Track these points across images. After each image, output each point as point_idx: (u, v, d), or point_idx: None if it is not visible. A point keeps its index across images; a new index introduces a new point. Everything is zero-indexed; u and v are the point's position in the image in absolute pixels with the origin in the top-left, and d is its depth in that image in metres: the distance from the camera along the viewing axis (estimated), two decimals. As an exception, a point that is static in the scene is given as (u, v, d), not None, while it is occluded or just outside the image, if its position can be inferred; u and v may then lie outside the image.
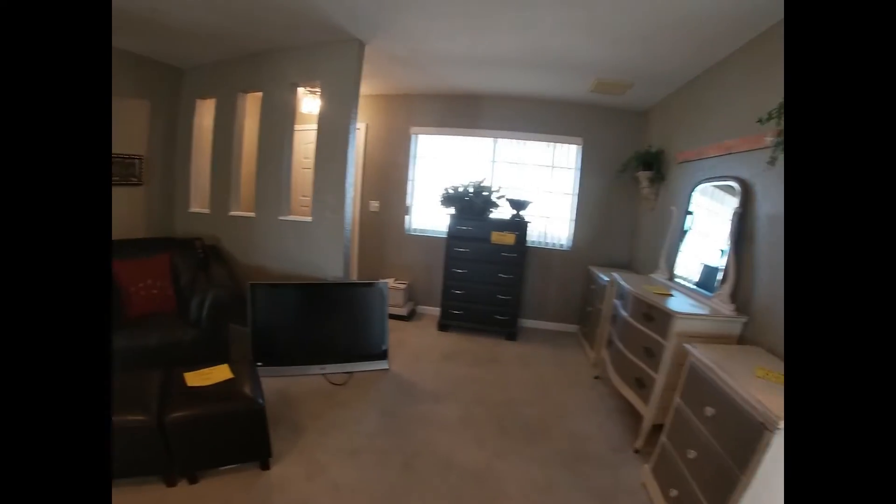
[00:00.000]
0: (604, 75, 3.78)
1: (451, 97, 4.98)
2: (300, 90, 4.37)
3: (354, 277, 5.25)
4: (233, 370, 2.48)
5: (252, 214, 4.11)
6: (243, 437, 2.27)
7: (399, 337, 4.38)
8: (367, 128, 5.21)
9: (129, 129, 4.25)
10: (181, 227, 4.67)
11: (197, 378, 2.40)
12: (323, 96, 3.67)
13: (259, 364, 3.24)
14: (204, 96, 4.47)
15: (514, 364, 4.03)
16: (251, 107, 4.25)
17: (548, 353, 4.38)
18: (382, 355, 3.60)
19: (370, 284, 3.63)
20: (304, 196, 5.18)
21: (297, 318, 3.50)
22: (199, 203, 4.61)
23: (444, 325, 4.71)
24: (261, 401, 2.29)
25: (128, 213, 4.34)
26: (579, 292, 5.11)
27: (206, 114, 4.50)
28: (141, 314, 3.52)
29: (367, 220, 5.43)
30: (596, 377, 3.81)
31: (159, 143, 4.49)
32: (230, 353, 3.42)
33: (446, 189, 4.65)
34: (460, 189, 4.60)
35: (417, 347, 4.22)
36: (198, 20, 3.26)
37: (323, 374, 3.39)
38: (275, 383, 3.19)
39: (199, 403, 2.21)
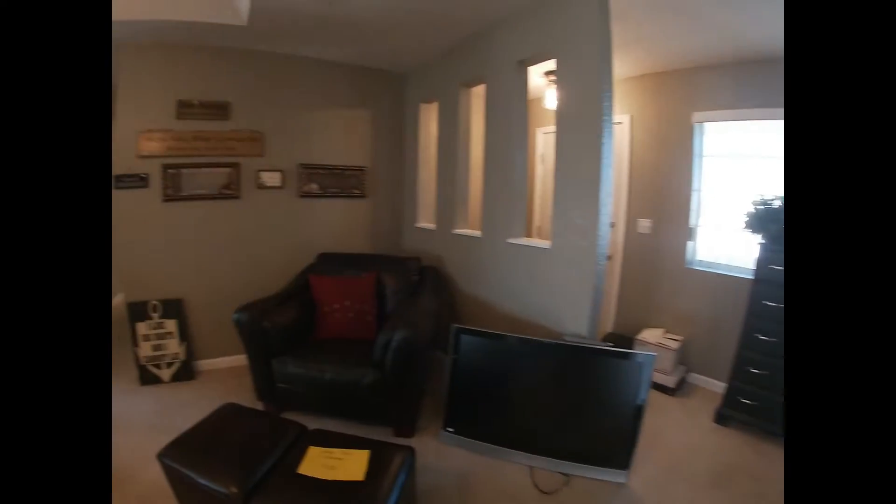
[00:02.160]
0: None
1: (754, 63, 3.20)
2: (538, 77, 3.53)
3: (608, 327, 4.08)
4: (375, 463, 1.83)
5: (478, 233, 3.39)
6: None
7: (655, 423, 2.94)
8: (631, 120, 3.90)
9: (351, 140, 4.16)
10: (409, 244, 4.35)
11: (317, 461, 1.84)
12: (560, 78, 2.66)
13: (450, 430, 2.60)
14: (427, 99, 4.06)
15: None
16: (477, 105, 3.54)
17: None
18: (622, 462, 2.37)
19: (626, 355, 2.41)
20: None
21: (511, 382, 2.59)
22: (425, 217, 4.19)
23: (724, 417, 3.01)
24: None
25: (350, 226, 4.22)
26: None
27: (430, 119, 4.09)
28: (330, 338, 3.19)
29: (634, 246, 4.00)
30: None
31: (383, 153, 4.30)
32: (418, 403, 2.87)
33: (754, 203, 2.96)
34: (777, 204, 3.02)
35: (677, 449, 2.77)
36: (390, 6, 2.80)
37: (529, 468, 2.43)
38: (460, 460, 2.48)
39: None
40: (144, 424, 2.98)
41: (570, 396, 2.48)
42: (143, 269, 3.56)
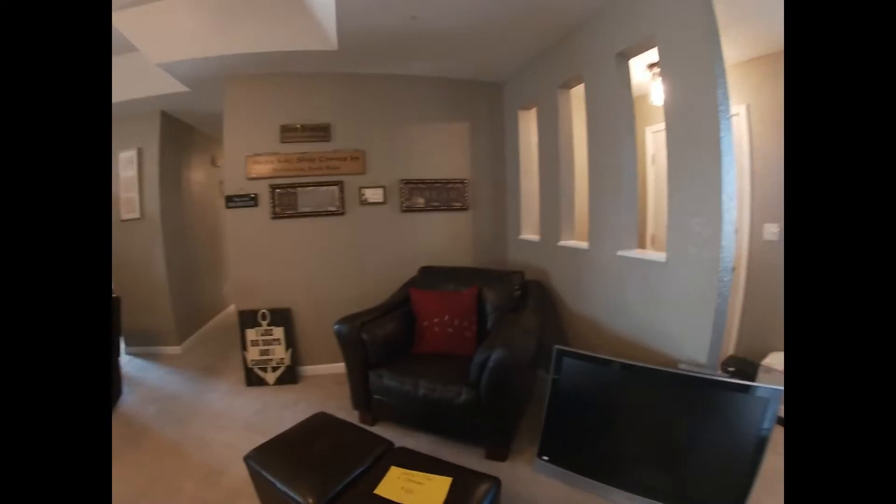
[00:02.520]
0: None
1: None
2: (641, 72, 3.24)
3: (730, 349, 3.50)
4: (455, 492, 1.68)
5: (585, 245, 3.11)
6: None
7: (776, 464, 2.21)
8: (748, 111, 3.31)
9: (451, 153, 4.14)
10: (512, 257, 4.18)
11: (396, 483, 1.75)
12: (664, 68, 2.32)
13: (545, 458, 2.36)
14: (525, 106, 3.92)
15: None
16: (578, 107, 3.25)
17: None
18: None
19: (748, 388, 1.95)
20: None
21: (614, 411, 2.29)
22: (529, 229, 3.99)
23: None
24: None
25: (452, 239, 4.17)
26: None
27: (530, 126, 3.93)
28: (428, 352, 3.15)
29: (760, 255, 3.37)
30: None
31: (483, 164, 4.22)
32: (514, 425, 2.71)
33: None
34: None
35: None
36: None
37: None
38: (553, 492, 2.26)
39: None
40: (244, 423, 3.19)
41: (680, 431, 2.10)
42: (253, 281, 3.85)
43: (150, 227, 4.69)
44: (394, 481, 1.75)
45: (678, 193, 2.27)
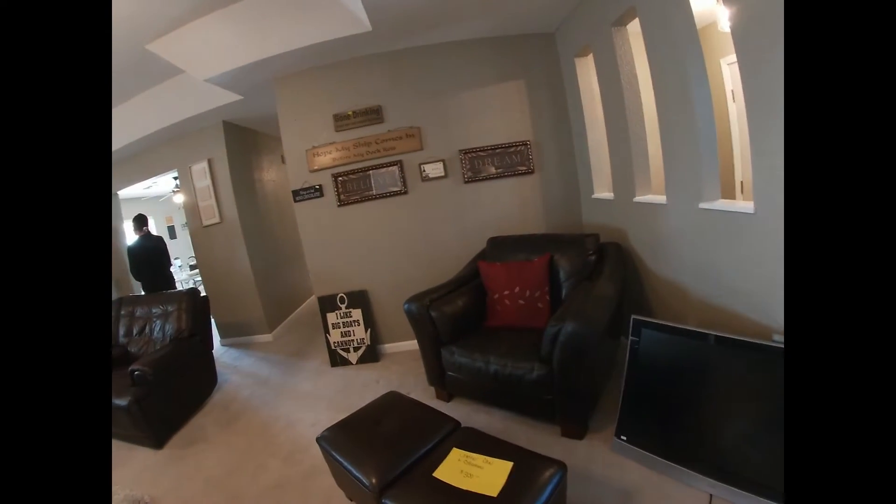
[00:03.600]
0: None
1: None
2: None
3: None
4: (516, 478, 1.63)
5: (662, 199, 2.85)
6: None
7: None
8: None
9: (509, 115, 3.96)
10: (588, 218, 3.97)
11: (456, 465, 1.73)
12: None
13: (623, 438, 2.22)
14: (581, 52, 3.60)
15: None
16: (638, 46, 2.92)
17: None
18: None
19: None
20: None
21: (698, 389, 2.07)
22: (602, 186, 3.75)
23: None
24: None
25: (520, 206, 4.04)
26: None
27: (589, 74, 3.62)
28: (500, 326, 3.10)
29: None
30: None
31: (545, 122, 3.98)
32: (591, 401, 2.59)
33: None
34: None
35: None
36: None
37: (709, 496, 1.92)
38: (631, 474, 2.15)
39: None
40: (328, 402, 3.40)
41: (771, 414, 1.84)
42: (329, 267, 4.05)
43: (230, 229, 5.04)
44: (454, 464, 1.74)
45: (761, 130, 1.98)
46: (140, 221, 5.58)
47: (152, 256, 5.48)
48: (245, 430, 3.23)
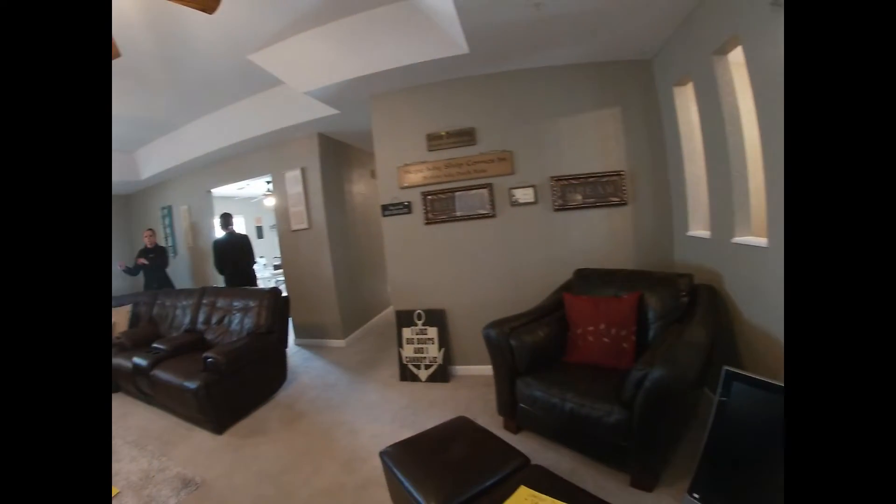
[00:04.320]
0: None
1: None
2: None
3: None
4: None
5: (764, 241, 2.71)
6: None
7: None
8: None
9: (603, 144, 3.90)
10: (680, 257, 3.83)
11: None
12: None
13: (695, 496, 2.07)
14: (679, 81, 3.49)
15: None
16: (740, 74, 2.80)
17: None
18: None
19: None
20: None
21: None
22: (698, 223, 3.61)
23: None
24: None
25: (610, 238, 3.95)
26: None
27: (688, 104, 3.51)
28: (579, 362, 3.02)
29: None
30: None
31: (641, 152, 3.89)
32: (666, 451, 2.46)
33: None
34: None
35: None
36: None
37: None
38: None
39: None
40: (392, 416, 3.46)
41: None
42: (410, 283, 4.17)
43: (317, 235, 5.33)
44: (521, 502, 1.71)
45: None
46: (226, 219, 6.00)
47: (236, 252, 5.86)
48: (307, 431, 3.35)
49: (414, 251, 4.13)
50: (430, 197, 4.00)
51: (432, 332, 4.05)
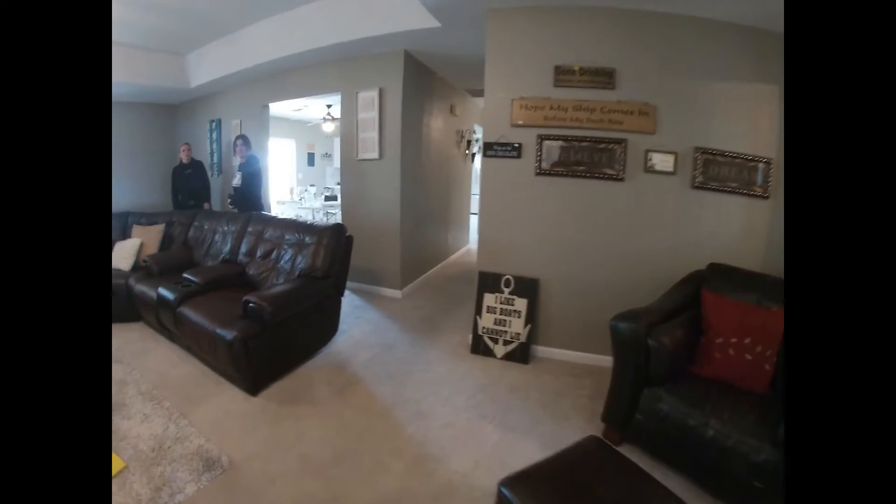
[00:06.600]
0: None
1: None
2: None
3: None
4: None
5: None
6: None
7: None
8: None
9: (755, 122, 3.26)
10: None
11: None
12: None
13: None
14: None
15: None
16: None
17: None
18: None
19: None
20: None
21: None
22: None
23: None
24: None
25: (743, 234, 3.36)
26: None
27: None
28: (710, 378, 2.51)
29: None
30: None
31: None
32: None
33: None
34: None
35: None
36: None
37: None
38: None
39: None
40: (467, 400, 2.99)
41: None
42: (503, 241, 3.62)
43: (388, 168, 4.79)
44: None
45: None
46: (245, 142, 5.47)
47: (245, 179, 5.35)
48: (362, 406, 2.85)
49: (515, 204, 3.53)
50: (547, 142, 3.35)
51: (520, 303, 3.51)
